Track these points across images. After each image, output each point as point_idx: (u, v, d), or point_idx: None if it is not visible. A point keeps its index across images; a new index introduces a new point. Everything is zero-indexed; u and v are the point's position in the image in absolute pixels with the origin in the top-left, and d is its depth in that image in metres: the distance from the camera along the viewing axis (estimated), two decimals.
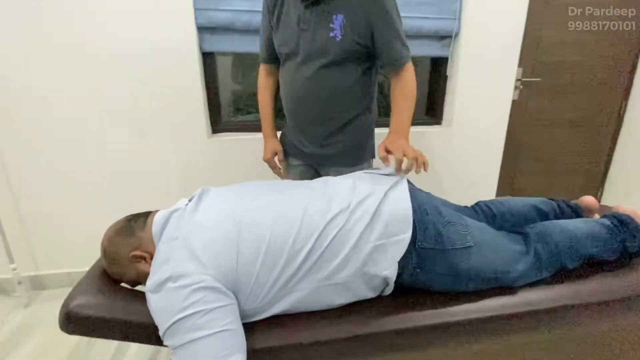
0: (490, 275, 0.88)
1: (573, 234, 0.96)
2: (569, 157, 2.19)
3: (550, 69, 1.95)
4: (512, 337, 0.90)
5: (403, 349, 0.83)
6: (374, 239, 0.81)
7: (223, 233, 0.75)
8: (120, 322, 0.78)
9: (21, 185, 1.58)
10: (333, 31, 1.03)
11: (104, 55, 1.47)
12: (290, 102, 1.19)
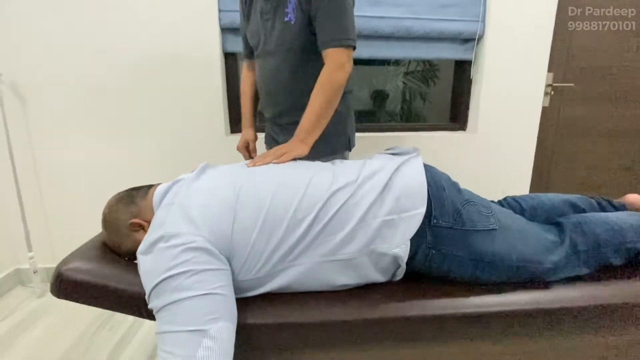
0: (517, 264, 0.77)
1: (617, 225, 0.84)
2: (608, 171, 2.01)
3: (584, 74, 1.85)
4: (543, 339, 0.77)
5: (412, 340, 0.73)
6: (383, 214, 0.73)
7: (220, 197, 0.71)
8: (111, 290, 0.74)
9: (47, 177, 1.64)
10: (287, 15, 1.03)
11: (130, 55, 1.54)
12: (262, 94, 1.19)
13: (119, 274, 0.77)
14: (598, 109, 1.91)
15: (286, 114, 1.15)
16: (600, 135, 1.96)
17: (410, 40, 1.66)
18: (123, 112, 1.59)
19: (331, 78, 0.98)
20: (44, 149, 1.60)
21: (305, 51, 1.05)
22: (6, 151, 1.52)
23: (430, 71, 2.08)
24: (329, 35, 0.99)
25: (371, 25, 1.59)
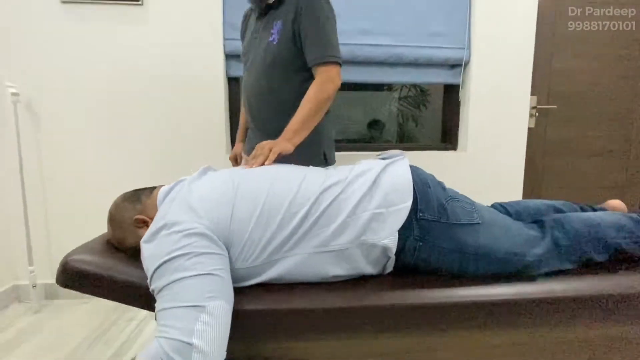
0: (502, 256, 0.81)
1: (595, 221, 0.89)
2: (596, 189, 2.07)
3: (565, 97, 1.96)
4: (528, 330, 0.80)
5: (399, 330, 0.75)
6: (373, 207, 0.79)
7: (220, 190, 0.77)
8: (114, 280, 0.78)
9: (53, 194, 1.69)
10: (272, 36, 1.14)
11: (140, 76, 1.65)
12: (246, 107, 1.27)
13: (122, 266, 0.81)
14: (582, 130, 2.01)
15: (266, 123, 1.22)
16: (587, 155, 2.04)
17: (401, 65, 1.78)
18: (130, 131, 1.68)
19: (322, 88, 1.08)
20: (52, 167, 1.68)
21: (284, 68, 1.14)
22: (17, 166, 1.59)
23: (422, 96, 2.20)
24: (319, 53, 1.09)
25: (364, 53, 1.72)
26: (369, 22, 1.72)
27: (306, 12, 1.09)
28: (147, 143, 1.70)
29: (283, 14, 1.13)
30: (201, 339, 0.58)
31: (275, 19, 1.14)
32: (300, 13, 1.09)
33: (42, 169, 1.67)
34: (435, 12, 1.75)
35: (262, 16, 1.19)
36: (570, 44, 1.93)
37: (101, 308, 1.69)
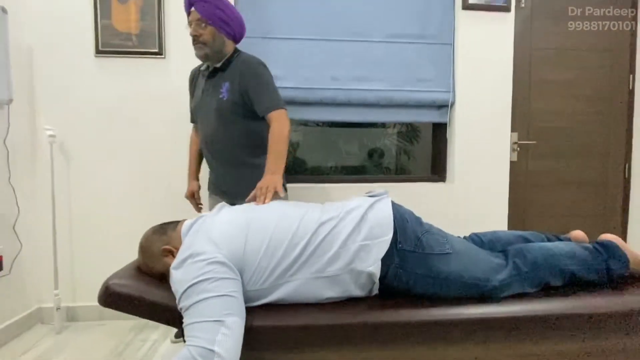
0: (470, 281, 0.96)
1: (551, 251, 1.04)
2: (577, 218, 2.22)
3: (543, 133, 2.15)
4: (495, 344, 0.93)
5: (385, 343, 0.90)
6: (360, 240, 0.95)
7: (235, 225, 0.94)
8: (146, 301, 0.94)
9: (79, 226, 1.87)
10: (221, 94, 1.42)
11: (160, 120, 1.87)
12: (204, 151, 1.55)
13: (151, 289, 0.97)
14: (562, 163, 2.18)
15: (222, 155, 1.49)
16: (568, 186, 2.20)
17: (393, 107, 1.99)
18: (150, 167, 1.88)
19: (283, 130, 1.35)
20: (79, 200, 1.86)
21: (232, 116, 1.42)
22: (50, 200, 1.78)
23: (413, 132, 2.41)
24: (270, 104, 1.38)
25: (359, 96, 1.94)
26: (364, 70, 1.95)
27: (250, 77, 1.39)
28: (165, 178, 1.89)
29: (229, 76, 1.42)
30: (221, 347, 0.74)
31: (223, 80, 1.43)
32: (245, 78, 1.39)
33: (70, 202, 1.86)
34: (423, 60, 1.98)
35: (211, 77, 1.48)
36: (546, 85, 2.15)
37: (117, 330, 1.82)
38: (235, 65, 1.44)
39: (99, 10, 1.81)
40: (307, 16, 1.91)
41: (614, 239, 1.12)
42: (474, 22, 1.98)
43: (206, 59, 1.45)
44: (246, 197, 1.37)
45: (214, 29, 1.41)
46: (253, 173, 1.39)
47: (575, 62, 2.15)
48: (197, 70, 1.58)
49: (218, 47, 1.43)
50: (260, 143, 1.45)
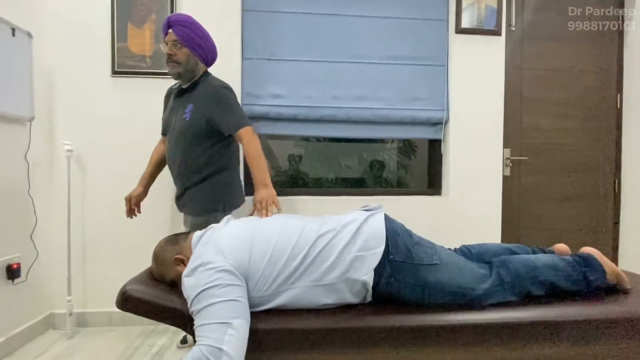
0: (456, 290, 1.05)
1: (533, 262, 1.13)
2: (569, 230, 2.30)
3: (535, 149, 2.25)
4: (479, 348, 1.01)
5: (378, 346, 0.98)
6: (355, 251, 1.04)
7: (241, 237, 1.04)
8: (160, 306, 1.03)
9: (92, 234, 1.97)
10: (185, 114, 1.54)
11: None
12: (168, 163, 1.65)
13: (164, 295, 1.06)
14: (553, 178, 2.27)
15: (181, 178, 1.60)
16: (559, 200, 2.28)
17: (390, 124, 2.10)
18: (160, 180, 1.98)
19: (257, 145, 1.47)
20: (93, 211, 1.97)
21: (194, 136, 1.53)
22: (66, 211, 1.89)
23: (410, 147, 2.51)
24: (235, 122, 1.49)
25: (358, 114, 2.05)
26: (363, 90, 2.06)
27: (213, 100, 1.51)
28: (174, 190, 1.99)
29: (194, 99, 1.54)
30: (229, 346, 0.83)
31: (188, 102, 1.55)
32: (209, 102, 1.50)
33: (84, 213, 1.97)
34: (418, 80, 2.09)
35: (180, 97, 1.61)
36: (537, 104, 2.25)
37: (126, 335, 1.91)
38: (202, 87, 1.55)
39: (116, 34, 1.94)
40: (310, 39, 2.04)
41: (593, 252, 1.21)
42: (467, 45, 2.09)
43: (178, 77, 1.57)
44: (206, 213, 1.55)
45: (188, 51, 1.53)
46: (212, 188, 1.56)
47: (564, 82, 2.26)
48: (172, 88, 1.72)
49: (191, 67, 1.55)
50: (219, 162, 1.58)
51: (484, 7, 2.10)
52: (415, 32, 2.09)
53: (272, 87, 2.04)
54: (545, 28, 2.25)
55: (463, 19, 2.08)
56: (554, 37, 2.25)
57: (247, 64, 2.03)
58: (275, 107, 2.03)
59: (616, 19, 2.30)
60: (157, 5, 1.96)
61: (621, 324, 1.05)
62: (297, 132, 2.11)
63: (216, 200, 1.59)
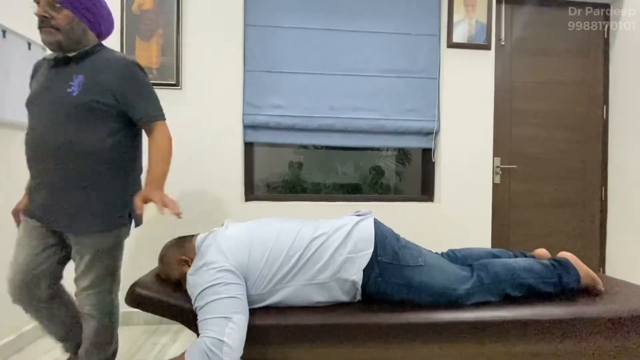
0: (439, 290, 1.14)
1: (511, 265, 1.22)
2: (558, 236, 2.38)
3: (523, 158, 2.34)
4: (460, 344, 1.10)
5: (366, 341, 1.07)
6: (346, 253, 1.13)
7: (241, 240, 1.13)
8: (165, 303, 1.12)
9: None
10: (71, 87, 1.15)
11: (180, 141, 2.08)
12: (30, 161, 1.20)
13: (170, 293, 1.15)
14: (541, 185, 2.36)
15: (62, 167, 1.15)
16: (547, 206, 2.37)
17: (384, 134, 2.20)
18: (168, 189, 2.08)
19: (164, 143, 1.26)
20: None
21: (83, 119, 1.15)
22: None
23: (404, 155, 2.61)
24: (154, 110, 1.25)
25: (354, 124, 2.15)
26: (359, 101, 2.17)
27: (128, 76, 1.19)
28: (179, 195, 2.09)
29: (86, 70, 1.17)
30: (229, 338, 0.92)
31: (75, 73, 1.16)
32: (120, 75, 1.18)
33: None
34: (411, 92, 2.20)
35: (58, 67, 1.19)
36: (525, 114, 2.35)
37: (130, 334, 1.99)
38: (99, 58, 1.20)
39: (124, 48, 2.05)
40: (309, 53, 2.15)
41: (569, 257, 1.30)
42: (458, 59, 2.20)
43: (59, 48, 1.17)
44: (86, 232, 1.17)
45: (71, 14, 1.15)
46: (102, 200, 1.17)
47: (552, 94, 2.36)
48: (44, 59, 1.27)
49: (76, 37, 1.18)
50: (126, 154, 1.24)
51: (475, 22, 2.20)
52: (409, 46, 2.20)
53: (272, 97, 2.14)
54: (533, 43, 2.35)
55: (454, 34, 2.18)
56: (542, 52, 2.36)
57: (248, 75, 2.14)
58: (275, 116, 2.14)
59: (601, 34, 2.41)
60: (164, 20, 2.07)
61: (594, 322, 1.13)
62: (296, 141, 2.21)
63: (116, 210, 1.22)
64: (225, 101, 2.10)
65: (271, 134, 2.17)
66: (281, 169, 2.49)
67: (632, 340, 1.15)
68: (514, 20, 2.34)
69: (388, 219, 1.97)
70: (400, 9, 2.20)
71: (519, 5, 2.34)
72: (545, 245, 2.35)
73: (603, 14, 2.40)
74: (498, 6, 2.30)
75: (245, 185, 2.20)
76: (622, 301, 1.21)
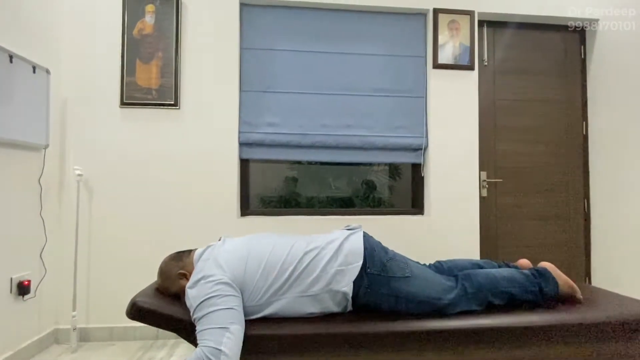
0: (424, 299, 1.20)
1: (493, 275, 1.29)
2: (544, 247, 2.46)
3: (508, 172, 2.44)
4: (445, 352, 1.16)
5: (357, 350, 1.12)
6: (337, 265, 1.20)
7: (237, 254, 1.19)
8: (164, 315, 1.17)
9: (97, 253, 2.11)
10: None
11: (176, 159, 2.15)
12: None
13: (168, 306, 1.20)
14: (526, 199, 2.46)
15: None
16: (533, 219, 2.46)
17: (375, 150, 2.29)
18: (163, 201, 2.14)
19: None
20: (98, 231, 2.11)
21: None
22: (74, 231, 2.03)
23: (395, 170, 2.70)
24: None
25: (346, 141, 2.25)
26: (350, 119, 2.27)
27: None
28: (177, 211, 2.15)
29: None
30: (227, 347, 0.97)
31: None
32: None
33: (90, 233, 2.11)
34: (400, 111, 2.30)
35: None
36: (509, 131, 2.46)
37: (126, 349, 2.01)
38: None
39: (125, 70, 2.14)
40: (302, 74, 2.26)
41: (548, 266, 1.37)
42: (443, 79, 2.32)
43: None
44: None
45: None
46: None
47: (535, 111, 2.48)
48: None
49: None
50: None
51: (459, 44, 2.33)
52: (397, 67, 2.32)
53: (267, 116, 2.23)
54: (515, 63, 2.49)
55: (440, 55, 2.31)
56: (523, 71, 2.49)
57: (244, 95, 2.23)
58: (271, 134, 2.22)
59: (578, 55, 2.55)
60: (164, 44, 2.17)
61: (572, 329, 1.20)
62: (290, 157, 2.29)
63: None
64: (222, 120, 2.19)
65: (266, 150, 2.25)
66: (276, 184, 2.56)
67: (610, 345, 1.21)
68: (496, 42, 2.48)
69: (380, 231, 2.05)
70: (388, 32, 2.33)
71: (500, 28, 2.48)
72: (532, 257, 2.43)
73: (579, 37, 2.55)
74: (480, 29, 2.44)
75: (241, 201, 2.26)
76: (599, 309, 1.28)
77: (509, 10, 2.38)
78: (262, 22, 2.26)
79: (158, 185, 2.15)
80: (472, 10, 2.34)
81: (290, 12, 2.28)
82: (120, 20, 2.15)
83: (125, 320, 2.10)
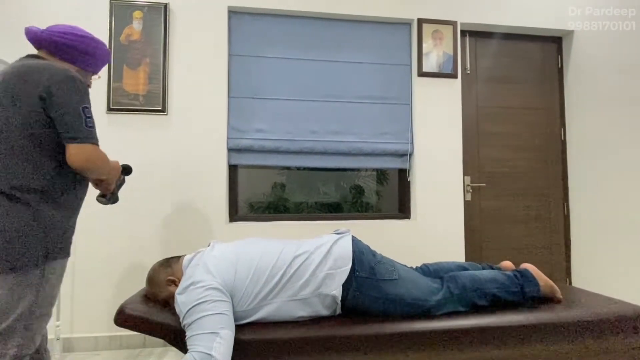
0: (412, 301, 1.23)
1: (477, 277, 1.33)
2: (527, 249, 2.53)
3: (491, 177, 2.52)
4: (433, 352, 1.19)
5: (345, 352, 1.14)
6: (326, 269, 1.22)
7: (227, 259, 1.20)
8: (153, 322, 1.16)
9: (81, 265, 2.07)
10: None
11: (166, 164, 2.14)
12: None
13: (158, 313, 1.20)
14: (508, 202, 2.53)
15: None
16: (515, 222, 2.54)
17: (362, 155, 2.33)
18: (152, 208, 2.12)
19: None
20: (82, 242, 2.07)
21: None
22: None
23: (382, 175, 2.75)
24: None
25: (333, 147, 2.28)
26: (338, 126, 2.30)
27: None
28: (165, 217, 2.13)
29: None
30: (217, 352, 0.97)
31: None
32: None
33: (74, 240, 2.07)
34: (386, 117, 2.35)
35: None
36: (491, 137, 2.54)
37: (112, 359, 1.97)
38: None
39: (112, 75, 2.13)
40: (290, 81, 2.29)
41: (530, 268, 1.42)
42: (428, 86, 2.38)
43: None
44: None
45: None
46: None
47: (515, 118, 2.57)
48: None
49: None
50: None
51: (442, 53, 2.41)
52: (383, 75, 2.37)
53: (256, 122, 2.25)
54: (497, 71, 2.58)
55: (424, 64, 2.38)
56: (505, 79, 2.58)
57: (233, 102, 2.25)
58: (259, 140, 2.24)
59: (555, 64, 2.66)
60: (151, 50, 2.17)
61: (553, 328, 1.25)
62: (278, 163, 2.30)
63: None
64: (210, 126, 2.19)
65: (255, 156, 2.26)
66: (265, 189, 2.57)
67: (587, 342, 1.27)
68: (478, 52, 2.57)
69: (368, 235, 2.08)
70: (375, 41, 2.38)
71: (482, 38, 2.57)
72: (514, 258, 2.50)
73: (556, 47, 2.66)
74: (463, 39, 2.52)
75: (230, 207, 2.26)
76: (578, 308, 1.34)
77: (490, 21, 2.48)
78: (250, 29, 2.29)
79: (145, 192, 2.13)
80: (454, 20, 2.42)
81: (279, 20, 2.31)
82: (107, 26, 2.14)
83: (111, 329, 2.06)
